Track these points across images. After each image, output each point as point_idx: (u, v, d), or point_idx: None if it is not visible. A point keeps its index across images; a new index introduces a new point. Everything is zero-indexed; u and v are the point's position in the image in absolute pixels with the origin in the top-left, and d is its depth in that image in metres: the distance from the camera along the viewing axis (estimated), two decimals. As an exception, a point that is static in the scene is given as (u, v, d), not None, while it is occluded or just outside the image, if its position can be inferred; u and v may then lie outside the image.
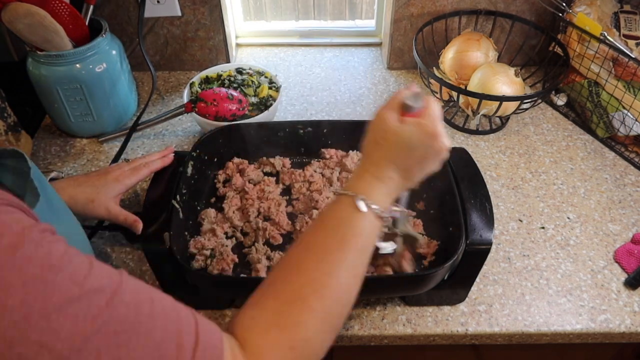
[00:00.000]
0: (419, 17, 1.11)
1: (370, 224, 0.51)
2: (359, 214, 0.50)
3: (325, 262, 0.48)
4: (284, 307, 0.45)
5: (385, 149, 0.54)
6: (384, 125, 0.54)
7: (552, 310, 0.74)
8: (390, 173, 0.54)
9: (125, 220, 0.72)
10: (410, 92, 0.56)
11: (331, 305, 0.46)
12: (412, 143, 0.53)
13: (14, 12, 0.81)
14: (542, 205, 0.89)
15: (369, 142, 0.55)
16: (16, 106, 0.93)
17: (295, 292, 0.46)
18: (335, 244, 0.49)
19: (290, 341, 0.43)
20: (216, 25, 1.12)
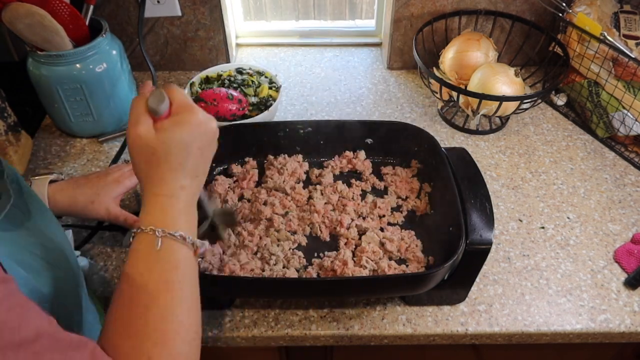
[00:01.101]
0: (419, 17, 1.12)
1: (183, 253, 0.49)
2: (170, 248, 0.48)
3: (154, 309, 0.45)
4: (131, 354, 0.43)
5: (162, 164, 0.49)
6: (144, 142, 0.49)
7: (552, 310, 0.74)
8: (181, 183, 0.50)
9: (126, 221, 0.73)
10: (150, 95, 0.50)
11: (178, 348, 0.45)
12: (185, 143, 0.49)
13: (14, 12, 0.81)
14: (542, 205, 0.89)
15: (140, 165, 0.50)
16: (16, 106, 0.93)
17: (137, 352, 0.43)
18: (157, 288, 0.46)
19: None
20: (216, 25, 1.12)
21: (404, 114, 1.09)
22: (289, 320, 0.73)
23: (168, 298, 0.46)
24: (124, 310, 0.45)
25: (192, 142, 0.50)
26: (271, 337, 0.72)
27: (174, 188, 0.50)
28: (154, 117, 0.50)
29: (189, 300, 0.48)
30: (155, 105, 0.49)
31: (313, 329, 0.72)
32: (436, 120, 1.07)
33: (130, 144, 0.49)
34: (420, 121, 1.06)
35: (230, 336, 0.71)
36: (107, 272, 0.78)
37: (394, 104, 1.11)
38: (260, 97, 0.99)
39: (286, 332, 0.71)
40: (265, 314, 0.73)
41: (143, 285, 0.46)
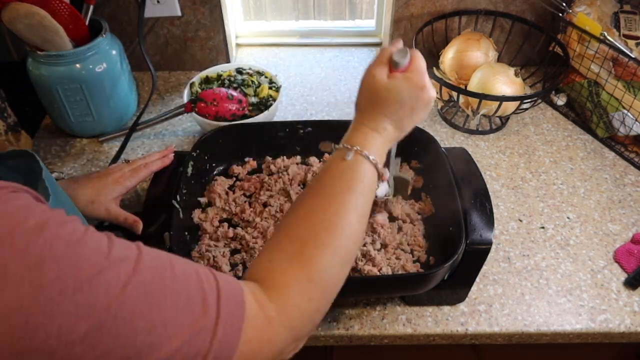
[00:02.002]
0: (419, 17, 1.11)
1: (369, 171, 0.55)
2: (360, 163, 0.54)
3: (334, 204, 0.51)
4: (298, 245, 0.48)
5: (379, 104, 0.57)
6: (375, 82, 0.58)
7: (552, 310, 0.74)
8: (384, 125, 0.57)
9: (126, 221, 0.73)
10: (397, 49, 0.59)
11: (342, 241, 0.50)
12: (403, 97, 0.57)
13: (14, 12, 0.81)
14: (542, 205, 0.89)
15: (363, 99, 0.59)
16: (16, 106, 0.93)
17: (308, 231, 0.49)
18: (340, 189, 0.53)
19: (307, 274, 0.47)
20: (216, 25, 1.12)
21: (404, 114, 1.09)
22: (289, 320, 0.72)
23: (347, 199, 0.52)
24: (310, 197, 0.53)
25: (409, 100, 0.57)
26: (271, 337, 0.72)
27: (379, 126, 0.57)
28: (392, 68, 0.58)
29: (361, 210, 0.53)
30: (398, 58, 0.58)
31: (313, 329, 0.72)
32: (436, 120, 1.07)
33: (363, 79, 0.59)
34: (420, 121, 1.06)
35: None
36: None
37: (394, 104, 1.11)
38: (260, 97, 0.99)
39: (286, 332, 0.71)
40: (265, 314, 0.73)
41: (331, 182, 0.54)
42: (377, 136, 0.57)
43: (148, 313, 0.35)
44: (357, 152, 0.55)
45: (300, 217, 0.51)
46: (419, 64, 0.59)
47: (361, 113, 0.59)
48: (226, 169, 0.87)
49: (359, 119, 0.58)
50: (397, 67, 0.58)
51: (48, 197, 0.50)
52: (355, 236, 0.52)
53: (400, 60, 0.58)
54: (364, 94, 0.59)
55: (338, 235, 0.50)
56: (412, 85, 0.57)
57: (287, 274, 0.46)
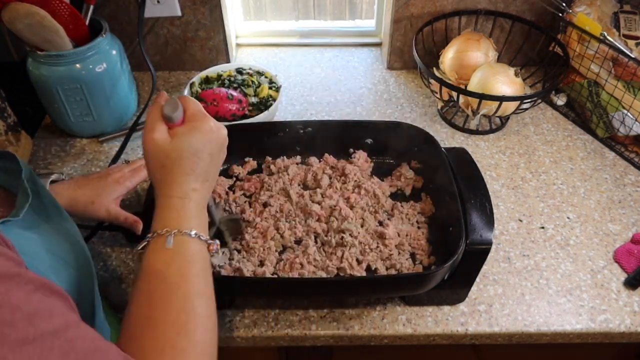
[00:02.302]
0: (419, 17, 1.12)
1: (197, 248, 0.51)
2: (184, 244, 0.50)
3: (174, 302, 0.47)
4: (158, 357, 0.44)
5: (175, 169, 0.52)
6: (158, 147, 0.52)
7: (552, 310, 0.74)
8: (191, 186, 0.53)
9: (126, 221, 0.73)
10: (166, 103, 0.54)
11: (199, 337, 0.46)
12: (195, 149, 0.53)
13: (14, 12, 0.81)
14: (542, 205, 0.89)
15: (155, 169, 0.53)
16: (16, 106, 0.93)
17: (160, 342, 0.44)
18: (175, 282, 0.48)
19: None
20: (216, 25, 1.12)
21: (404, 114, 1.09)
22: (289, 320, 0.73)
23: (186, 290, 0.48)
24: (144, 305, 0.47)
25: (204, 148, 0.53)
26: (271, 337, 0.72)
27: (186, 190, 0.53)
28: (169, 124, 0.54)
29: (206, 293, 0.50)
30: (170, 112, 0.53)
31: (313, 329, 0.72)
32: (436, 120, 1.07)
33: (146, 149, 0.53)
34: (420, 121, 1.06)
35: (230, 336, 0.71)
36: (107, 272, 0.78)
37: (394, 104, 1.11)
38: (260, 97, 0.99)
39: (286, 332, 0.71)
40: (265, 314, 0.73)
41: (162, 279, 0.48)
42: (189, 202, 0.52)
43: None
44: (177, 234, 0.50)
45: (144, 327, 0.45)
46: (194, 108, 0.55)
47: (161, 185, 0.53)
48: (226, 169, 0.87)
49: (162, 192, 0.53)
50: (173, 122, 0.53)
51: (27, 198, 0.49)
52: (209, 322, 0.49)
53: (173, 114, 0.53)
54: (154, 164, 0.53)
55: (191, 333, 0.46)
56: (200, 132, 0.53)
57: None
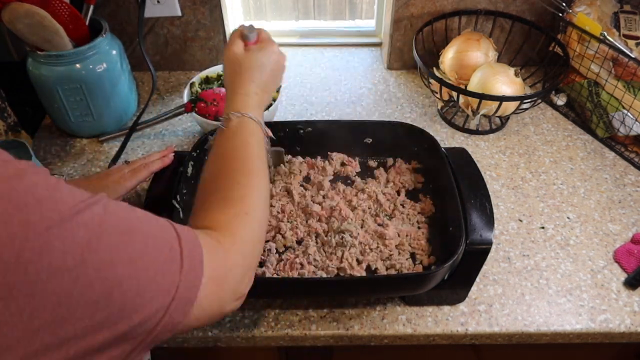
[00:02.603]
0: (419, 17, 1.11)
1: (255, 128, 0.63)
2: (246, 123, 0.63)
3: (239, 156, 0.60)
4: (227, 192, 0.56)
5: (244, 74, 0.67)
6: (236, 56, 0.68)
7: (552, 310, 0.74)
8: (254, 89, 0.66)
9: (126, 221, 0.73)
10: (245, 27, 0.70)
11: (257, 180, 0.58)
12: (262, 62, 0.68)
13: (14, 12, 0.81)
14: (542, 205, 0.89)
15: (229, 74, 0.68)
16: (16, 106, 0.93)
17: (229, 180, 0.57)
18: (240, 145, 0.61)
19: (243, 208, 0.54)
20: (216, 25, 1.12)
21: (404, 114, 1.09)
22: (289, 320, 0.73)
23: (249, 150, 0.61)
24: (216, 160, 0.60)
25: (267, 64, 0.68)
26: (271, 337, 0.72)
27: (250, 91, 0.66)
28: (245, 42, 0.70)
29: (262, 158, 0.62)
30: (248, 32, 0.69)
31: (313, 329, 0.72)
32: (436, 120, 1.07)
33: (225, 58, 0.69)
34: (420, 121, 1.06)
35: (230, 336, 0.71)
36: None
37: (394, 104, 1.11)
38: (260, 97, 0.99)
39: (286, 332, 0.71)
40: (265, 314, 0.73)
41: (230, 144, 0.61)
42: (250, 99, 0.65)
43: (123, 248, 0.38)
44: (241, 115, 0.62)
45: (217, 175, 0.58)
46: (266, 35, 0.71)
47: (232, 85, 0.67)
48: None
49: (231, 91, 0.66)
50: (249, 41, 0.69)
51: None
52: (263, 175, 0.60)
53: (250, 34, 0.69)
54: (229, 70, 0.68)
55: (253, 176, 0.58)
56: (267, 51, 0.69)
57: (227, 214, 0.53)
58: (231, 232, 0.51)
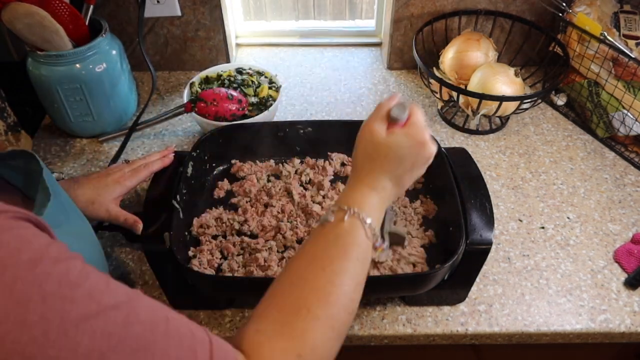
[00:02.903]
0: (419, 17, 1.12)
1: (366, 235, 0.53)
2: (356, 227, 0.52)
3: (328, 271, 0.49)
4: (289, 317, 0.45)
5: (378, 161, 0.56)
6: (374, 138, 0.56)
7: (552, 310, 0.74)
8: (384, 183, 0.56)
9: (126, 221, 0.73)
10: (395, 103, 0.57)
11: (336, 312, 0.47)
12: (403, 153, 0.55)
13: (14, 12, 0.81)
14: (542, 205, 0.89)
15: (361, 155, 0.57)
16: (16, 106, 0.93)
17: (299, 301, 0.46)
18: (336, 254, 0.50)
19: (297, 349, 0.44)
20: (216, 25, 1.12)
21: (404, 114, 1.09)
22: (289, 320, 0.72)
23: (343, 266, 0.50)
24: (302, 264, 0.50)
25: (409, 156, 0.56)
26: (271, 337, 0.71)
27: (378, 185, 0.56)
28: (390, 122, 0.57)
29: (358, 277, 0.51)
30: (397, 113, 0.57)
31: (313, 329, 0.72)
32: (436, 120, 1.07)
33: (361, 134, 0.58)
34: (420, 121, 1.06)
35: (230, 336, 0.71)
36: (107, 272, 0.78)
37: (394, 104, 1.11)
38: (260, 97, 0.99)
39: (286, 332, 0.71)
40: (265, 314, 0.73)
41: (326, 248, 0.51)
42: (375, 195, 0.55)
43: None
44: (354, 214, 0.52)
45: (292, 284, 0.48)
46: (419, 118, 0.57)
47: (359, 170, 0.57)
48: (226, 170, 0.87)
49: (357, 176, 0.57)
50: (395, 122, 0.57)
51: (49, 197, 0.49)
52: (350, 307, 0.50)
53: (400, 115, 0.56)
54: (362, 150, 0.57)
55: (332, 306, 0.47)
56: (413, 140, 0.56)
57: (274, 349, 0.43)
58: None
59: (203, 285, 0.68)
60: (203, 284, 0.68)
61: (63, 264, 0.33)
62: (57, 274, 0.32)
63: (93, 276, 0.35)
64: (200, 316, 0.73)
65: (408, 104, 0.58)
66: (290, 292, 0.48)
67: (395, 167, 0.56)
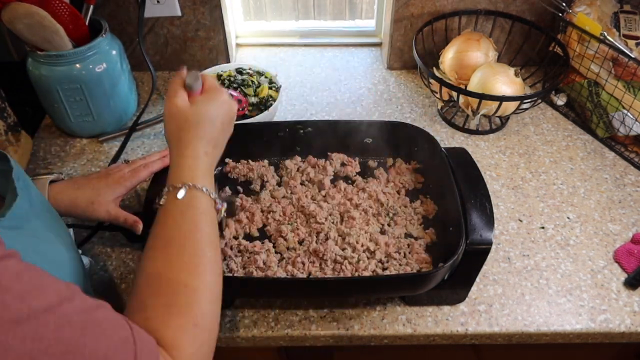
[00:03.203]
0: (419, 17, 1.11)
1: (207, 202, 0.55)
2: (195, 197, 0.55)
3: (188, 245, 0.52)
4: (171, 298, 0.48)
5: (192, 131, 0.58)
6: (180, 110, 0.58)
7: (552, 310, 0.74)
8: (204, 149, 0.58)
9: (126, 221, 0.73)
10: (188, 74, 0.60)
11: (208, 278, 0.51)
12: (211, 116, 0.59)
13: (14, 12, 0.81)
14: (542, 205, 0.89)
15: (173, 130, 0.59)
16: (16, 106, 0.93)
17: (173, 282, 0.49)
18: (188, 228, 0.53)
19: (191, 319, 0.47)
20: (216, 25, 1.12)
21: (404, 114, 1.09)
22: (289, 320, 0.73)
23: (199, 236, 0.53)
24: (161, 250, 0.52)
25: (217, 117, 0.59)
26: (271, 337, 0.72)
27: (199, 152, 0.57)
28: (189, 92, 0.60)
29: (214, 241, 0.54)
30: (192, 82, 0.59)
31: (313, 329, 0.72)
32: (436, 120, 1.07)
33: (167, 112, 0.59)
34: (420, 121, 1.06)
35: (230, 336, 0.71)
36: (107, 272, 0.78)
37: (394, 104, 1.11)
38: (260, 97, 0.99)
39: (286, 332, 0.71)
40: (265, 314, 0.73)
41: (177, 227, 0.53)
42: (200, 163, 0.57)
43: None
44: (190, 188, 0.54)
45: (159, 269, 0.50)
46: (212, 82, 0.62)
47: (176, 144, 0.58)
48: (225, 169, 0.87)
49: (177, 151, 0.58)
50: (193, 90, 0.60)
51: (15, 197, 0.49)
52: (217, 268, 0.53)
53: (194, 83, 0.59)
54: (172, 125, 0.59)
55: (202, 274, 0.50)
56: (217, 102, 0.59)
57: (171, 326, 0.46)
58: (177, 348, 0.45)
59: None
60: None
61: None
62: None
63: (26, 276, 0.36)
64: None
65: (198, 72, 0.60)
66: (162, 276, 0.49)
67: (209, 131, 0.58)
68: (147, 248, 0.52)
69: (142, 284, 0.50)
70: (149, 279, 0.50)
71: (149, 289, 0.49)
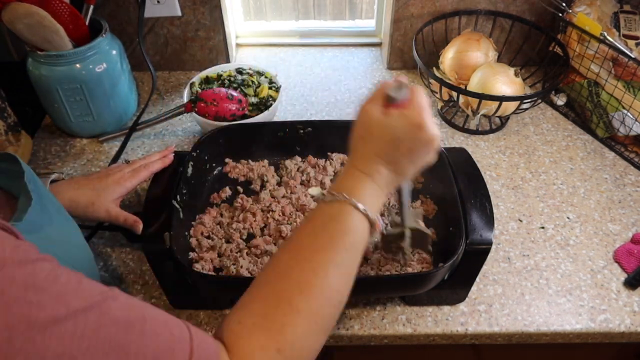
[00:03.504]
0: (419, 17, 1.12)
1: (358, 222, 0.50)
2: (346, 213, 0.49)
3: (313, 261, 0.47)
4: (270, 310, 0.44)
5: (371, 144, 0.53)
6: (367, 118, 0.53)
7: (552, 310, 0.74)
8: (377, 167, 0.52)
9: (126, 222, 0.73)
10: (394, 83, 0.54)
11: (319, 306, 0.45)
12: (397, 135, 0.52)
13: (14, 12, 0.81)
14: (542, 205, 0.89)
15: (355, 137, 0.54)
16: (16, 106, 0.93)
17: (281, 294, 0.45)
18: (322, 243, 0.48)
19: (276, 344, 0.42)
20: (216, 25, 1.12)
21: (404, 114, 1.09)
22: (289, 320, 0.72)
23: (330, 256, 0.47)
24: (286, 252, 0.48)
25: (404, 139, 0.52)
26: (271, 337, 0.71)
27: (371, 169, 0.52)
28: (388, 103, 0.53)
29: (347, 269, 0.49)
30: (393, 93, 0.53)
31: (313, 329, 0.72)
32: (436, 120, 1.07)
33: (358, 115, 0.54)
34: (420, 121, 1.06)
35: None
36: (108, 272, 0.78)
37: (394, 104, 1.11)
38: (260, 97, 0.99)
39: (286, 332, 0.71)
40: (265, 314, 0.73)
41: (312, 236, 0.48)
42: (370, 181, 0.52)
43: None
44: (345, 200, 0.49)
45: (275, 274, 0.47)
46: (419, 99, 0.53)
47: (353, 154, 0.54)
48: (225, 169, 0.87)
49: (351, 161, 0.54)
50: (393, 103, 0.53)
51: (30, 200, 0.49)
52: (336, 299, 0.47)
53: (396, 95, 0.53)
54: (356, 132, 0.54)
55: (315, 300, 0.45)
56: (409, 122, 0.51)
57: (253, 342, 0.42)
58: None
59: (203, 285, 0.68)
60: (203, 284, 0.68)
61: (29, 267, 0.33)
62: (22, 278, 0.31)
63: (63, 278, 0.35)
64: (200, 316, 0.73)
65: (408, 85, 0.54)
66: (274, 283, 0.46)
67: (389, 150, 0.52)
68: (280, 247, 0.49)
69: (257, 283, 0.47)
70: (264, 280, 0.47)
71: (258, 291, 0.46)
